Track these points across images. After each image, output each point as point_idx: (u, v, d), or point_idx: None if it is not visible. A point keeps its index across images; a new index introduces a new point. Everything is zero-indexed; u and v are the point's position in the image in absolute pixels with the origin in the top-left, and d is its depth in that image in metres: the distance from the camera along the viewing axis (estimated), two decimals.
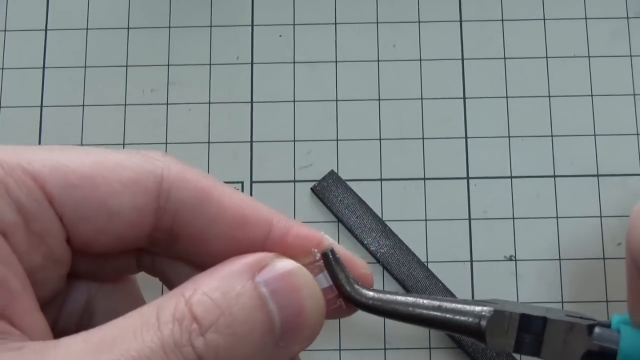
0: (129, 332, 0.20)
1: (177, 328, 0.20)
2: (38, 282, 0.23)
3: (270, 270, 0.23)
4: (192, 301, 0.21)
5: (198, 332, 0.21)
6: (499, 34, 0.47)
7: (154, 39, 0.48)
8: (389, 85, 0.47)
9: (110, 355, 0.20)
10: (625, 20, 0.47)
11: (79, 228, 0.23)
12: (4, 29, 0.48)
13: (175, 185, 0.24)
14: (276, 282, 0.22)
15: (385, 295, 0.26)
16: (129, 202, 0.23)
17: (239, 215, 0.24)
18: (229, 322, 0.21)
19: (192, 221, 0.24)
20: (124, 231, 0.24)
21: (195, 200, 0.24)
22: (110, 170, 0.23)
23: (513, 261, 0.44)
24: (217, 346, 0.21)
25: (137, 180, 0.23)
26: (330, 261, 0.25)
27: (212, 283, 0.22)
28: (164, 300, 0.22)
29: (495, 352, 0.42)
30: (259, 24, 0.48)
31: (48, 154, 0.23)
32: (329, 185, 0.45)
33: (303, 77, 0.47)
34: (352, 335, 0.43)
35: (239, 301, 0.21)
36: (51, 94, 0.47)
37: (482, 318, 0.25)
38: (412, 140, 0.46)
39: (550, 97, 0.46)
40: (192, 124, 0.46)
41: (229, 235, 0.24)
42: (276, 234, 0.25)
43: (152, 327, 0.20)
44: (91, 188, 0.23)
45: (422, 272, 0.43)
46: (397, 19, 0.48)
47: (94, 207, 0.23)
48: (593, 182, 0.45)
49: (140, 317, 0.21)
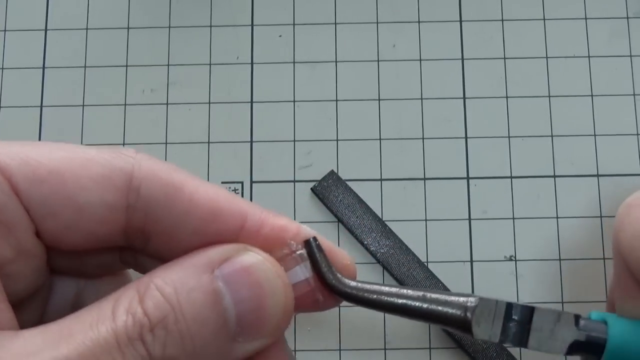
0: (86, 324, 0.20)
1: (130, 321, 0.21)
2: (9, 275, 0.23)
3: (231, 264, 0.22)
4: (144, 296, 0.21)
5: (148, 327, 0.21)
6: (499, 34, 0.47)
7: (154, 39, 0.48)
8: (389, 85, 0.47)
9: (67, 345, 0.20)
10: (625, 20, 0.47)
11: (47, 223, 0.23)
12: (4, 29, 0.48)
13: (145, 182, 0.23)
14: (235, 276, 0.22)
15: (368, 285, 0.25)
16: (97, 198, 0.23)
17: (212, 208, 0.24)
18: (177, 319, 0.21)
19: (164, 217, 0.24)
20: (93, 227, 0.23)
21: (166, 196, 0.24)
22: (80, 166, 0.23)
23: (513, 261, 0.44)
24: (164, 342, 0.21)
25: (107, 176, 0.23)
26: (313, 249, 0.25)
27: (167, 276, 0.22)
28: (121, 293, 0.22)
29: (484, 343, 0.42)
30: (259, 24, 0.48)
31: (19, 148, 0.23)
32: (329, 185, 0.45)
33: (303, 77, 0.47)
34: (352, 335, 0.43)
35: (190, 297, 0.21)
36: (51, 94, 0.47)
37: (467, 309, 0.24)
38: (412, 140, 0.46)
39: (550, 97, 0.46)
40: (192, 124, 0.46)
41: (202, 230, 0.24)
42: (251, 226, 0.24)
43: (108, 320, 0.21)
44: (59, 183, 0.23)
45: (422, 272, 0.43)
46: (397, 19, 0.48)
47: (61, 202, 0.23)
48: (593, 182, 0.45)
49: (98, 310, 0.21)
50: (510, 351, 0.42)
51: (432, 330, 0.43)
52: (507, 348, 0.42)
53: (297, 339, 0.43)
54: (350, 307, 0.43)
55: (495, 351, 0.42)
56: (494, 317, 0.24)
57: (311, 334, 0.43)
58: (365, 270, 0.44)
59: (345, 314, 0.43)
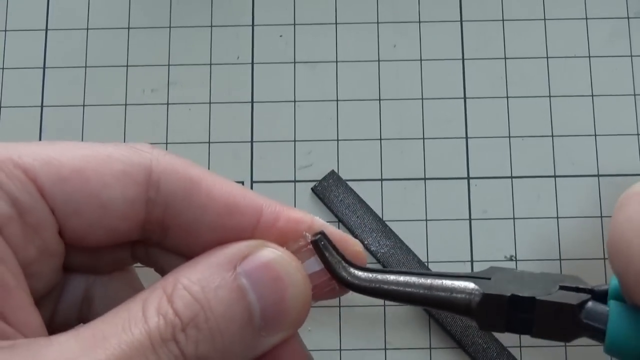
0: (119, 327, 0.21)
1: (162, 322, 0.21)
2: (32, 275, 0.23)
3: (251, 260, 0.23)
4: (172, 297, 0.21)
5: (180, 327, 0.21)
6: (499, 34, 0.47)
7: (154, 39, 0.48)
8: (389, 85, 0.47)
9: (103, 350, 0.20)
10: (626, 20, 0.47)
11: (72, 221, 0.23)
12: (4, 29, 0.48)
13: (164, 177, 0.24)
14: (257, 272, 0.22)
15: (377, 276, 0.26)
16: (119, 194, 0.23)
17: (229, 203, 0.24)
18: (208, 317, 0.21)
19: (182, 211, 0.24)
20: (115, 224, 0.24)
21: (184, 190, 0.24)
22: (100, 163, 0.23)
23: (513, 261, 0.44)
24: (196, 341, 0.21)
25: (127, 172, 0.23)
26: (320, 247, 0.25)
27: (192, 276, 0.22)
28: (148, 294, 0.22)
29: (495, 352, 0.42)
30: (259, 24, 0.48)
31: (38, 148, 0.23)
32: (329, 185, 0.45)
33: (303, 77, 0.47)
34: (352, 335, 0.43)
35: (218, 295, 0.22)
36: (51, 94, 0.47)
37: (472, 301, 0.25)
38: (412, 140, 0.46)
39: (550, 97, 0.46)
40: (192, 124, 0.46)
41: (219, 224, 0.24)
42: (267, 220, 0.25)
43: (140, 321, 0.21)
44: (82, 181, 0.23)
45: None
46: (397, 19, 0.48)
47: (85, 200, 0.23)
48: (593, 182, 0.45)
49: (128, 312, 0.21)
50: (511, 351, 0.42)
51: (432, 330, 0.43)
52: (507, 348, 0.42)
53: None
54: (350, 307, 0.43)
55: (495, 351, 0.42)
56: (498, 309, 0.25)
57: (311, 334, 0.43)
58: None
59: (345, 314, 0.43)
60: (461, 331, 0.42)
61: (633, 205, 0.22)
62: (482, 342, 0.42)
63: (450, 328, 0.42)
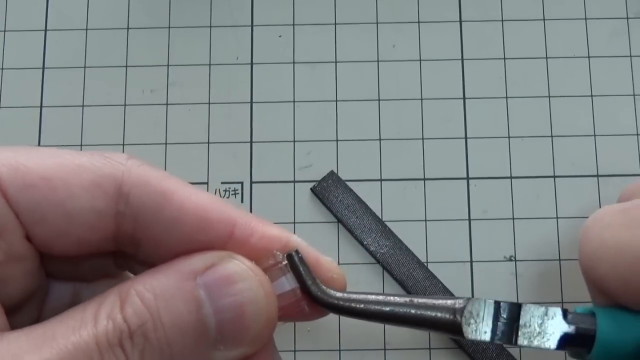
0: (69, 327, 0.21)
1: (110, 327, 0.21)
2: (0, 279, 0.23)
3: (213, 272, 0.22)
4: (124, 302, 0.21)
5: (127, 333, 0.21)
6: (499, 34, 0.47)
7: (154, 39, 0.48)
8: (389, 85, 0.47)
9: (49, 348, 0.20)
10: (625, 20, 0.47)
11: (37, 228, 0.23)
12: (4, 29, 0.48)
13: (135, 190, 0.23)
14: (216, 284, 0.22)
15: (354, 295, 0.25)
16: (87, 205, 0.23)
17: (200, 216, 0.24)
18: (156, 326, 0.21)
19: (152, 224, 0.24)
20: (83, 234, 0.23)
21: (155, 204, 0.24)
22: (70, 173, 0.23)
23: (513, 261, 0.44)
24: (142, 349, 0.21)
25: (96, 183, 0.23)
26: (295, 263, 0.24)
27: (149, 282, 0.22)
28: (105, 297, 0.22)
29: (476, 343, 0.42)
30: (259, 24, 0.48)
31: (10, 153, 0.23)
32: (328, 185, 0.45)
33: (303, 77, 0.47)
34: (352, 335, 0.43)
35: (170, 304, 0.21)
36: (51, 94, 0.47)
37: (456, 310, 0.24)
38: (412, 140, 0.46)
39: (550, 97, 0.46)
40: (192, 124, 0.46)
41: (190, 238, 0.24)
42: (240, 235, 0.24)
43: (90, 324, 0.21)
44: (49, 189, 0.23)
45: (422, 272, 0.43)
46: (397, 19, 0.48)
47: (51, 208, 0.23)
48: (593, 182, 0.45)
49: (82, 314, 0.21)
50: (510, 351, 0.42)
51: (421, 331, 0.43)
52: (507, 348, 0.42)
53: (297, 339, 0.43)
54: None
55: (495, 351, 0.42)
56: (483, 316, 0.25)
57: (311, 334, 0.43)
58: (365, 271, 0.44)
59: None
60: None
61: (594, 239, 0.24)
62: (473, 342, 0.42)
63: None
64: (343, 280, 0.26)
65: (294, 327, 0.43)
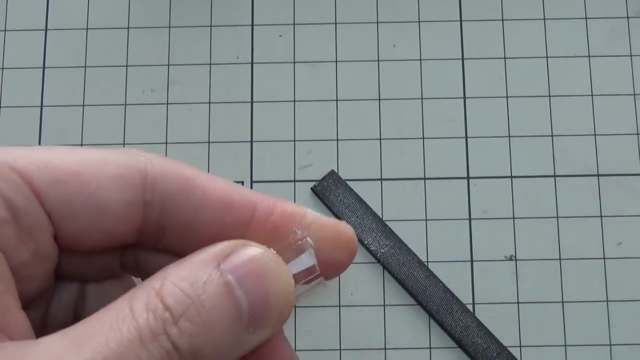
0: (106, 325, 0.21)
1: (151, 317, 0.21)
2: (24, 279, 0.23)
3: (234, 258, 0.23)
4: (162, 292, 0.21)
5: (171, 320, 0.21)
6: (499, 34, 0.47)
7: (154, 39, 0.48)
8: (389, 85, 0.47)
9: (90, 348, 0.20)
10: (625, 20, 0.47)
11: (69, 224, 0.23)
12: (4, 29, 0.48)
13: (160, 178, 0.24)
14: (241, 268, 0.22)
15: None
16: (116, 197, 0.23)
17: (224, 199, 0.25)
18: (198, 311, 0.21)
19: (179, 211, 0.24)
20: (113, 226, 0.24)
21: (180, 190, 0.24)
22: (95, 166, 0.23)
23: (513, 261, 0.44)
24: (190, 334, 0.21)
25: (123, 175, 0.24)
26: None
27: (179, 273, 0.22)
28: (135, 293, 0.22)
29: (495, 352, 0.42)
30: (259, 24, 0.48)
31: (33, 152, 0.23)
32: (329, 185, 0.45)
33: (303, 77, 0.47)
34: (352, 335, 0.43)
35: (207, 289, 0.22)
36: (51, 94, 0.47)
37: None
38: (412, 140, 0.46)
39: (550, 97, 0.46)
40: (192, 124, 0.46)
41: (215, 221, 0.25)
42: (261, 214, 0.25)
43: (127, 318, 0.21)
44: (78, 183, 0.23)
45: (422, 272, 0.43)
46: (397, 19, 0.48)
47: (82, 202, 0.23)
48: (593, 182, 0.45)
49: (115, 310, 0.21)
50: (511, 351, 0.42)
51: (432, 330, 0.43)
52: (507, 348, 0.42)
53: (297, 339, 0.43)
54: (350, 307, 0.43)
55: (495, 351, 0.42)
56: None
57: (311, 334, 0.43)
58: (366, 270, 0.44)
59: (345, 314, 0.43)
60: (461, 331, 0.42)
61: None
62: (482, 342, 0.42)
63: (450, 328, 0.42)
64: (355, 240, 0.27)
65: (295, 327, 0.43)
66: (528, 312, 0.43)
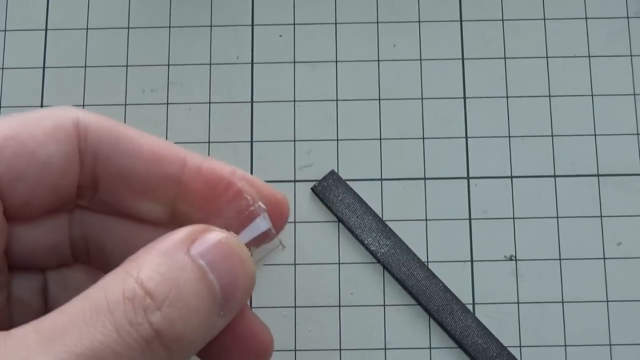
0: (79, 319, 0.20)
1: (129, 307, 0.20)
2: None
3: (202, 242, 0.23)
4: (142, 277, 0.21)
5: (154, 307, 0.21)
6: (499, 34, 0.47)
7: (154, 39, 0.48)
8: (389, 85, 0.47)
9: (62, 345, 0.19)
10: (626, 20, 0.47)
11: (16, 187, 0.23)
12: (4, 29, 0.48)
13: (92, 127, 0.25)
14: (210, 252, 0.23)
15: None
16: (55, 150, 0.24)
17: (154, 151, 0.26)
18: (180, 295, 0.21)
19: (111, 159, 0.25)
20: (57, 180, 0.24)
21: (111, 138, 0.25)
22: (31, 125, 0.24)
23: (513, 261, 0.44)
24: (173, 319, 0.21)
25: (57, 126, 0.24)
26: None
27: (153, 260, 0.22)
28: (109, 280, 0.21)
29: (495, 352, 0.42)
30: (259, 24, 0.48)
31: None
32: (329, 185, 0.45)
33: (303, 77, 0.47)
34: (352, 335, 0.43)
35: (184, 274, 0.22)
36: (51, 94, 0.47)
37: None
38: (412, 140, 0.46)
39: (550, 97, 0.46)
40: (192, 124, 0.46)
41: (147, 171, 0.25)
42: (191, 168, 0.26)
43: (102, 310, 0.20)
44: (18, 145, 0.23)
45: (422, 272, 0.43)
46: (397, 19, 0.48)
47: (25, 162, 0.23)
48: (593, 182, 0.45)
49: (88, 301, 0.21)
50: (511, 351, 0.42)
51: (432, 330, 0.43)
52: (507, 348, 0.42)
53: (297, 339, 0.43)
54: (351, 307, 0.43)
55: (495, 351, 0.42)
56: None
57: (311, 334, 0.43)
58: (366, 270, 0.44)
59: (345, 314, 0.43)
60: (461, 331, 0.42)
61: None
62: (482, 342, 0.42)
63: (450, 328, 0.42)
64: (286, 201, 0.28)
65: (294, 327, 0.43)
66: (528, 312, 0.43)
